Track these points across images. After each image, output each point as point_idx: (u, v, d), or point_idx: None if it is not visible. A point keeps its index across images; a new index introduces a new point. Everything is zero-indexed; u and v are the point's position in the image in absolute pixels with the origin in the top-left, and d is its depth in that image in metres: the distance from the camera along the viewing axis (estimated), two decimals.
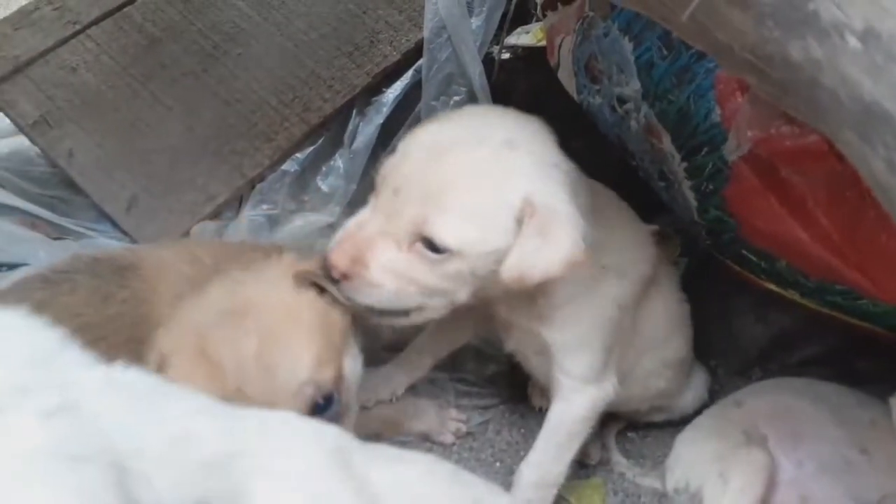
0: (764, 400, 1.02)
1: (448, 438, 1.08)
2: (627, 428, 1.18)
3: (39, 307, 0.67)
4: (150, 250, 1.00)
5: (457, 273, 0.76)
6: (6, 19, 1.44)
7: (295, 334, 0.75)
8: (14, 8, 1.46)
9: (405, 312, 0.81)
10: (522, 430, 1.11)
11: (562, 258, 0.73)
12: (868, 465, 0.93)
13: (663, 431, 1.18)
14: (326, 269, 0.78)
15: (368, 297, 0.78)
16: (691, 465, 0.98)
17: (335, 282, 0.78)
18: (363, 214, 0.80)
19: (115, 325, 0.86)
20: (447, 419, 1.09)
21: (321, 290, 0.80)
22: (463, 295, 0.79)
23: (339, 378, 0.77)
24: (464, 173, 0.74)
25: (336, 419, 0.76)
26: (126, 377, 0.50)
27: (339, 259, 0.76)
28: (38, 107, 1.37)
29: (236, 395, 0.71)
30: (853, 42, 0.41)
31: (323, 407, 0.75)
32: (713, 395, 1.19)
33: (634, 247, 0.94)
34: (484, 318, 0.98)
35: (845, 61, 0.42)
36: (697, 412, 1.15)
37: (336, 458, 0.56)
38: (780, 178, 0.94)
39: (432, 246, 0.74)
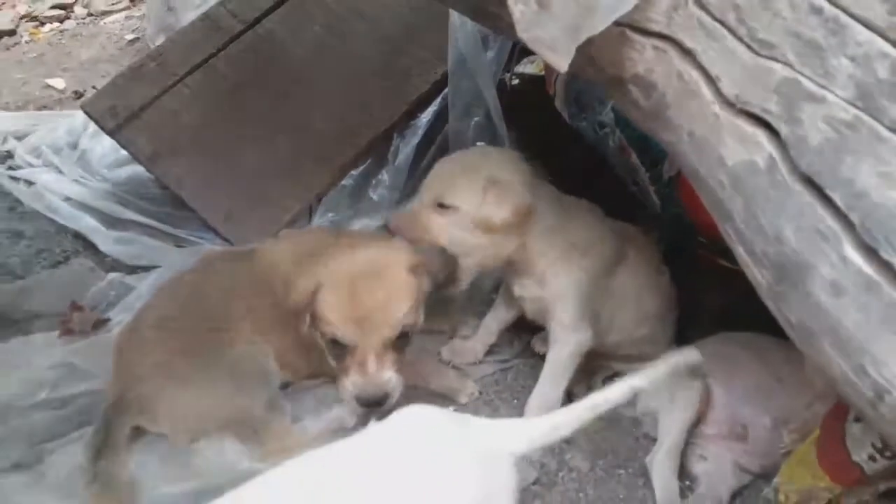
0: (708, 348, 1.37)
1: (463, 399, 1.40)
2: (613, 376, 1.53)
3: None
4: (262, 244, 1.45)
5: (458, 221, 1.28)
6: (121, 75, 1.83)
7: (404, 293, 1.22)
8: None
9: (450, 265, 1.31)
10: (531, 379, 1.47)
11: (508, 212, 1.26)
12: (782, 391, 1.28)
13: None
14: (386, 226, 1.41)
15: (414, 232, 1.30)
16: (652, 395, 1.34)
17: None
18: (410, 204, 1.37)
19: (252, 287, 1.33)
20: (466, 383, 1.42)
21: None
22: (468, 249, 1.30)
23: (416, 322, 1.25)
24: (456, 169, 1.33)
25: (406, 346, 1.24)
26: None
27: (397, 221, 1.37)
28: (151, 143, 1.76)
29: (361, 318, 1.18)
30: (685, 136, 0.77)
31: (405, 337, 1.23)
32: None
33: (595, 234, 1.36)
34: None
35: (684, 146, 0.78)
36: None
37: None
38: None
39: (443, 206, 1.29)
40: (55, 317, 1.45)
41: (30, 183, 1.86)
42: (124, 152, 1.82)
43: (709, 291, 1.62)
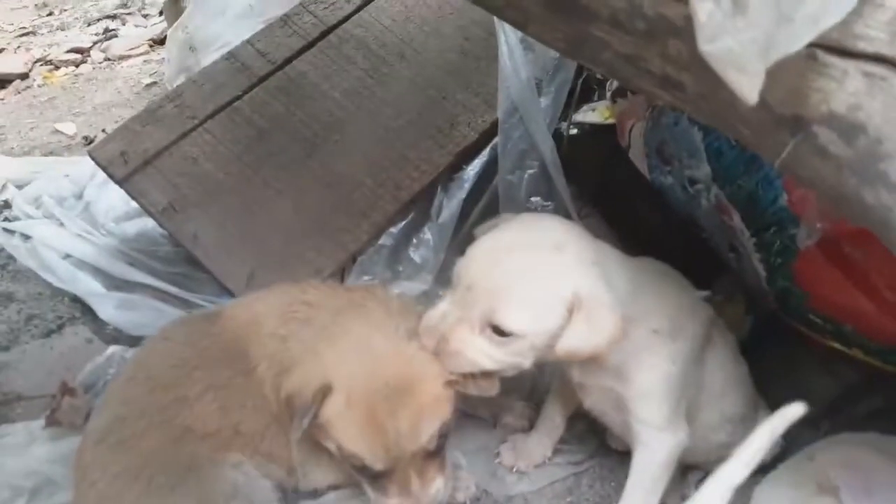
0: (835, 453, 1.11)
1: (460, 497, 1.16)
2: (706, 478, 1.27)
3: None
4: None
5: (519, 350, 0.95)
6: (135, 118, 1.64)
7: (438, 411, 1.01)
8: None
9: (487, 378, 1.00)
10: (613, 483, 1.21)
11: (605, 339, 0.92)
12: None
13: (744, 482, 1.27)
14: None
15: (454, 366, 0.99)
16: None
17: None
18: (443, 306, 0.99)
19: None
20: (461, 478, 1.18)
21: None
22: (527, 364, 0.98)
23: (453, 420, 1.04)
24: (521, 273, 0.93)
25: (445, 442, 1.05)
26: None
27: (429, 341, 1.00)
28: (165, 194, 1.56)
29: (389, 443, 0.98)
30: None
31: (444, 437, 1.04)
32: (785, 449, 1.28)
33: (683, 312, 1.06)
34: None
35: None
36: (774, 460, 1.24)
37: None
38: (844, 253, 1.06)
39: (499, 331, 0.93)
40: (42, 399, 1.21)
41: (26, 237, 1.65)
42: (134, 204, 1.62)
43: (814, 378, 1.37)
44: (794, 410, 0.72)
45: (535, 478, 1.20)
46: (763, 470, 1.22)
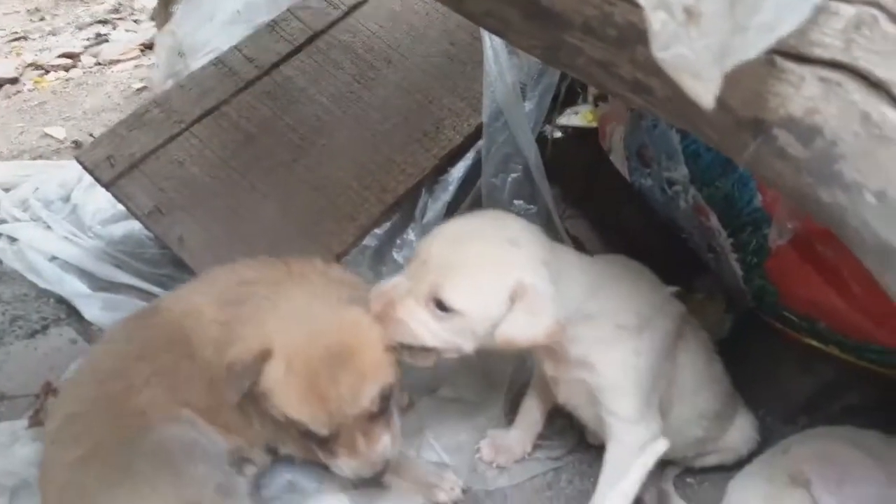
0: (808, 446, 1.14)
1: (442, 497, 1.17)
2: (685, 474, 1.29)
3: None
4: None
5: (459, 329, 0.98)
6: (122, 122, 1.65)
7: (380, 373, 1.03)
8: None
9: (427, 353, 1.03)
10: (592, 479, 1.22)
11: (541, 332, 0.96)
12: None
13: (719, 476, 1.29)
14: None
15: (395, 333, 1.02)
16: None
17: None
18: (397, 277, 1.03)
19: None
20: (444, 478, 1.19)
21: None
22: (467, 348, 1.01)
23: (398, 381, 1.05)
24: (473, 256, 0.98)
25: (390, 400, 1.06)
26: None
27: (376, 306, 1.03)
28: (151, 198, 1.56)
29: (331, 409, 0.99)
30: (870, 198, 0.57)
31: (387, 399, 1.05)
32: (762, 444, 1.30)
33: (650, 308, 1.09)
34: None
35: (864, 210, 0.57)
36: (751, 455, 1.26)
37: None
38: (817, 251, 1.08)
39: (442, 306, 0.97)
40: (25, 399, 1.22)
41: (13, 239, 1.66)
42: (121, 207, 1.63)
43: (792, 375, 1.40)
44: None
45: (514, 473, 1.22)
46: (739, 465, 1.25)
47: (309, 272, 1.14)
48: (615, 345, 1.05)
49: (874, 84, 0.56)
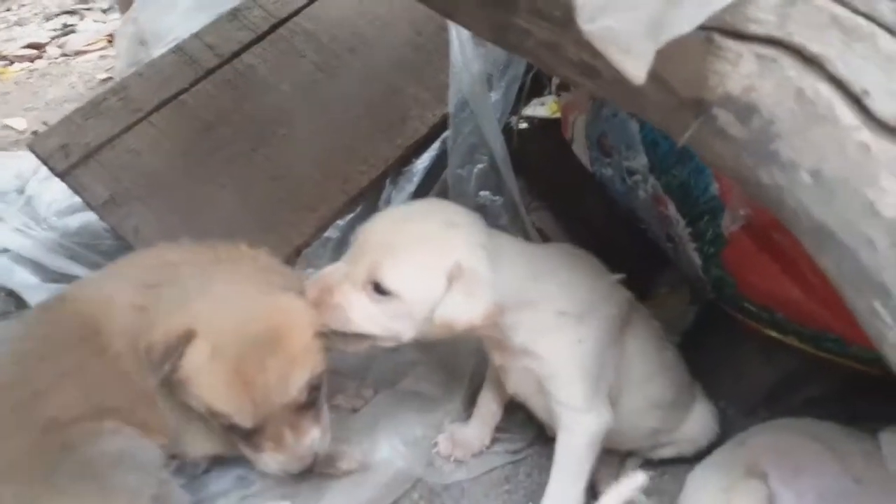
0: (765, 438, 1.13)
1: (344, 466, 1.15)
2: (645, 465, 1.28)
3: None
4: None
5: (396, 313, 0.96)
6: (78, 110, 1.60)
7: (309, 360, 0.99)
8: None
9: (361, 340, 1.01)
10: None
11: (479, 314, 0.94)
12: (862, 494, 1.04)
13: (679, 468, 1.28)
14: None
15: (332, 320, 0.99)
16: (699, 500, 1.09)
17: None
18: (336, 264, 1.02)
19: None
20: (342, 450, 1.16)
21: None
22: (407, 334, 0.99)
23: (325, 370, 1.02)
24: (412, 238, 0.97)
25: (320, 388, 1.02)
26: None
27: (312, 292, 1.00)
28: (107, 188, 1.52)
29: (257, 398, 0.94)
30: (805, 177, 0.56)
31: (317, 389, 1.01)
32: (723, 435, 1.29)
33: (593, 295, 1.08)
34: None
35: (800, 190, 0.56)
36: (711, 446, 1.25)
37: None
38: (773, 241, 1.08)
39: (379, 288, 0.95)
40: None
41: None
42: (77, 199, 1.58)
43: (754, 366, 1.39)
44: (640, 479, 0.74)
45: (472, 466, 1.20)
46: (699, 457, 1.24)
47: (237, 257, 1.11)
48: (557, 332, 1.04)
49: (808, 59, 0.54)
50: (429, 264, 0.95)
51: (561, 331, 1.03)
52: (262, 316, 0.98)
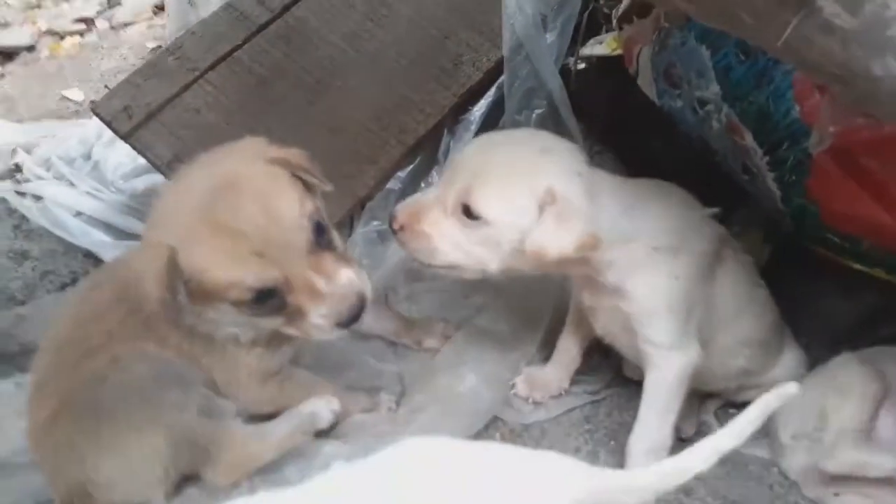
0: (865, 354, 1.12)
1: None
2: (727, 406, 1.26)
3: None
4: None
5: (486, 238, 0.95)
6: (137, 72, 1.62)
7: (279, 187, 0.93)
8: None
9: (447, 267, 1.00)
10: (631, 412, 1.20)
11: (572, 243, 0.91)
12: None
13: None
14: (390, 220, 1.02)
15: (417, 252, 0.99)
16: (808, 405, 1.06)
17: None
18: (429, 189, 1.02)
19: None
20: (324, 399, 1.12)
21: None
22: (493, 264, 0.97)
23: (318, 208, 0.96)
24: (504, 163, 0.95)
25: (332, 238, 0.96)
26: None
27: (401, 215, 1.00)
28: (170, 147, 1.54)
29: (261, 249, 0.88)
30: None
31: (323, 231, 0.94)
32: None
33: (687, 229, 1.04)
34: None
35: None
36: None
37: None
38: (860, 165, 1.02)
39: (469, 213, 0.94)
40: None
41: (38, 198, 1.66)
42: (142, 160, 1.61)
43: (837, 304, 1.35)
44: (789, 389, 0.71)
45: (551, 407, 1.20)
46: None
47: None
48: (652, 268, 1.01)
49: None
50: (519, 188, 0.93)
51: (656, 267, 1.00)
52: (212, 175, 0.92)
